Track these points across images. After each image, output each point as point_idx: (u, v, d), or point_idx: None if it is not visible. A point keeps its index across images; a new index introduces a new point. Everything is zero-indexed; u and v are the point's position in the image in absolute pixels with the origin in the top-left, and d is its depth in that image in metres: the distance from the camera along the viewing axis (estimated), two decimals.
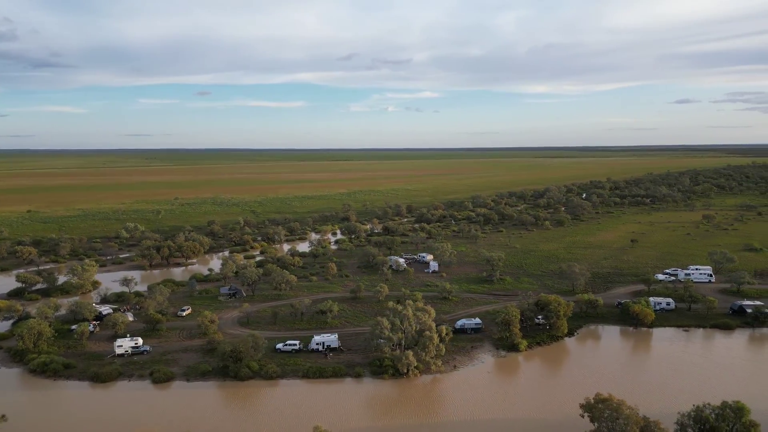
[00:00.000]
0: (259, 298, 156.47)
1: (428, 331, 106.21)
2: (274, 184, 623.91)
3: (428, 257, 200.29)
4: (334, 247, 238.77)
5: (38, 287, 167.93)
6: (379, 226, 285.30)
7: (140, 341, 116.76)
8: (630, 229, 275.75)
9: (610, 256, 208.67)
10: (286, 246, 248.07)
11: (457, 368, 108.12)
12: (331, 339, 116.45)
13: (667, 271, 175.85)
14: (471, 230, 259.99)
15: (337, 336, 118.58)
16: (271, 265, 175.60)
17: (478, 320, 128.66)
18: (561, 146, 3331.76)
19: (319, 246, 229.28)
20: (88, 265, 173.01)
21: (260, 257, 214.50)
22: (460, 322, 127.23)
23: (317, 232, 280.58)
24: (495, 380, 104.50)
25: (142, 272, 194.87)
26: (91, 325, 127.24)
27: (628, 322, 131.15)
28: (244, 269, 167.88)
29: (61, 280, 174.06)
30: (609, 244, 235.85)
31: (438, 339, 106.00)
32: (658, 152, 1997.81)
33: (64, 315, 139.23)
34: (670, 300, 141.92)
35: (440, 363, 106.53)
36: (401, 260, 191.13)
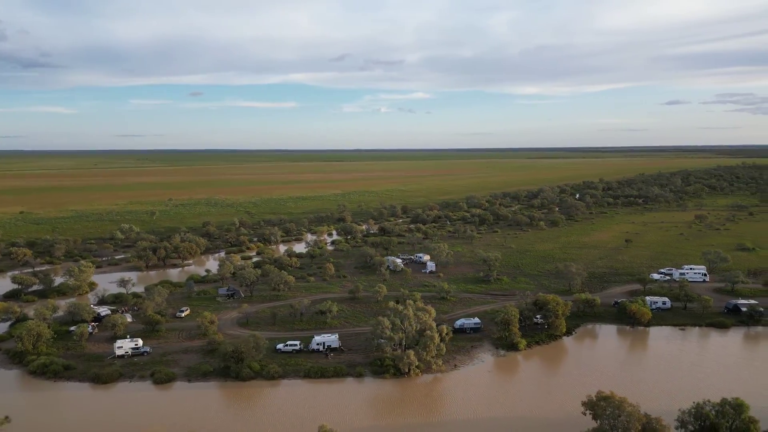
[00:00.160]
0: (258, 299, 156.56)
1: (429, 330, 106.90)
2: (268, 184, 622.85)
3: (425, 257, 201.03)
4: (330, 247, 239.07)
5: (34, 289, 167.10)
6: (375, 227, 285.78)
7: (140, 342, 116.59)
8: (624, 229, 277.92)
9: (605, 256, 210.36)
10: (282, 247, 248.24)
11: (458, 367, 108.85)
12: (331, 339, 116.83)
13: (662, 270, 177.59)
14: (467, 231, 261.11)
15: (337, 336, 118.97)
16: (268, 266, 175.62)
17: (477, 320, 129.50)
18: (553, 147, 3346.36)
19: (316, 247, 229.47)
20: (85, 266, 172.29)
21: (257, 258, 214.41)
22: (459, 322, 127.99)
23: (313, 233, 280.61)
24: (495, 379, 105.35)
25: (139, 273, 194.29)
26: (90, 326, 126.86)
27: (625, 321, 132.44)
28: (242, 270, 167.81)
29: (58, 281, 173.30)
30: (603, 244, 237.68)
31: (438, 338, 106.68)
32: (649, 153, 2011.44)
33: (61, 316, 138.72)
34: (666, 299, 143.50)
35: (441, 362, 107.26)
36: (398, 261, 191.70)
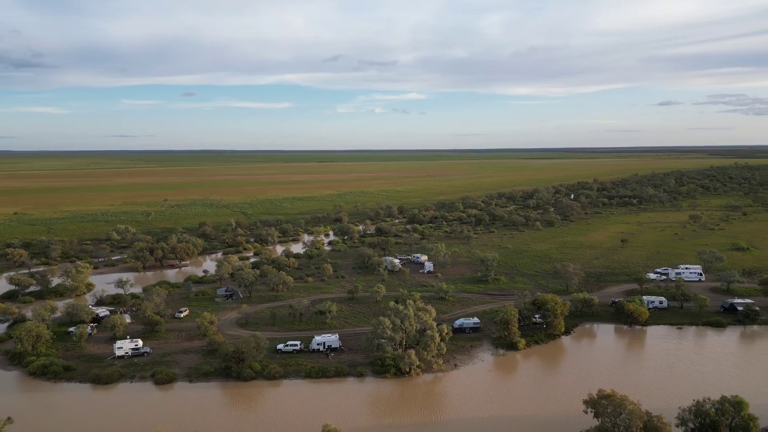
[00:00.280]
0: (256, 299, 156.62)
1: (430, 330, 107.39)
2: (263, 185, 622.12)
3: (423, 258, 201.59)
4: (327, 248, 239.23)
5: (31, 290, 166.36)
6: (371, 227, 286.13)
7: (140, 343, 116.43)
8: (619, 229, 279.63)
9: (602, 256, 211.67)
10: (279, 247, 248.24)
11: (458, 367, 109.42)
12: (332, 339, 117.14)
13: (658, 270, 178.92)
14: (463, 231, 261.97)
15: (337, 336, 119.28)
16: (266, 267, 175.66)
17: (477, 320, 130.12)
18: (546, 147, 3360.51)
19: (314, 247, 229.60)
20: (82, 267, 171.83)
21: (254, 259, 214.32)
22: (458, 322, 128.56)
23: (310, 234, 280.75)
24: (496, 378, 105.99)
25: (136, 274, 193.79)
26: (89, 327, 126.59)
27: (623, 321, 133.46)
28: (240, 271, 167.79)
29: (55, 282, 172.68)
30: (599, 244, 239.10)
31: (439, 338, 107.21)
32: (642, 153, 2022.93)
33: (60, 317, 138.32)
34: (663, 299, 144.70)
35: (441, 362, 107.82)
36: (396, 261, 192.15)
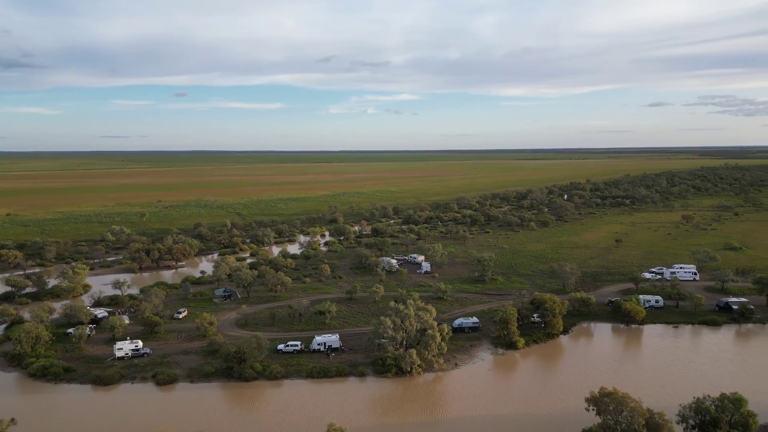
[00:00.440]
0: (255, 300, 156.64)
1: (431, 329, 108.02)
2: (257, 186, 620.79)
3: (419, 258, 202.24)
4: (324, 248, 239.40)
5: (27, 291, 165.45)
6: (368, 228, 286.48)
7: (140, 344, 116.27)
8: (613, 229, 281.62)
9: (597, 256, 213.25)
10: (275, 248, 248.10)
11: (458, 366, 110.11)
12: (332, 339, 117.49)
13: (653, 269, 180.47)
14: (459, 231, 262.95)
15: (338, 336, 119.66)
16: (264, 267, 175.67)
17: (476, 319, 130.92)
18: (539, 148, 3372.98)
19: (310, 248, 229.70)
20: (79, 268, 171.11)
21: (251, 259, 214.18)
22: (457, 321, 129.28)
23: (305, 234, 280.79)
24: (496, 377, 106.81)
25: (132, 275, 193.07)
26: (88, 328, 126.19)
27: (620, 320, 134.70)
28: (238, 271, 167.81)
29: (51, 283, 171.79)
30: (594, 244, 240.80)
31: (440, 338, 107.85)
32: (634, 154, 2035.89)
33: (57, 319, 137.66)
34: (659, 298, 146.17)
35: (442, 361, 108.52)
36: (393, 261, 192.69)
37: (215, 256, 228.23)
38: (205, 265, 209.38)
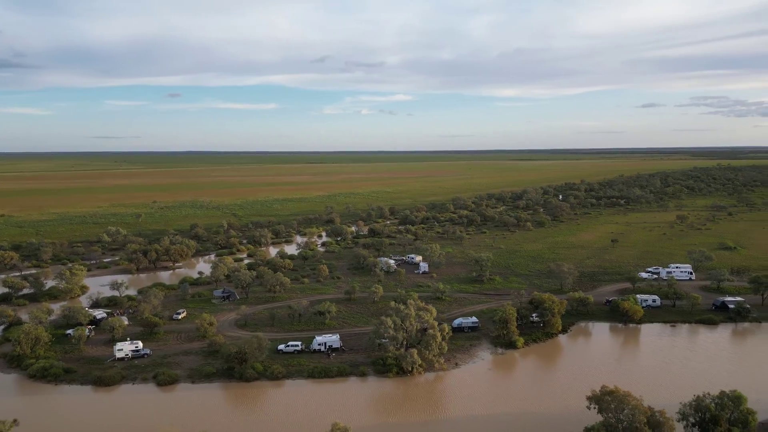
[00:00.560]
0: (253, 301, 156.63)
1: (431, 329, 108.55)
2: (252, 186, 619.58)
3: (417, 258, 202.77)
4: (321, 249, 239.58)
5: (24, 292, 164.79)
6: (364, 228, 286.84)
7: (140, 344, 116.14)
8: (608, 229, 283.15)
9: (593, 256, 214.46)
10: (272, 249, 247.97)
11: (459, 366, 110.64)
12: (333, 339, 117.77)
13: (649, 269, 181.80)
14: (456, 232, 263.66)
15: (338, 336, 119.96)
16: (262, 268, 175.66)
17: (475, 319, 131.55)
18: (533, 149, 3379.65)
19: (307, 248, 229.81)
20: (77, 269, 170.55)
21: (248, 260, 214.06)
22: (457, 321, 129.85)
23: (302, 235, 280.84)
24: (497, 376, 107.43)
25: (129, 276, 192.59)
26: (88, 329, 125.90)
27: (618, 319, 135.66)
28: (236, 272, 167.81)
29: (48, 284, 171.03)
30: (590, 244, 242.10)
31: (440, 337, 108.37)
32: (627, 154, 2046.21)
33: (56, 320, 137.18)
34: (656, 297, 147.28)
35: (443, 361, 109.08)
36: (391, 262, 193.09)
37: (212, 256, 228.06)
38: (203, 266, 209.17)
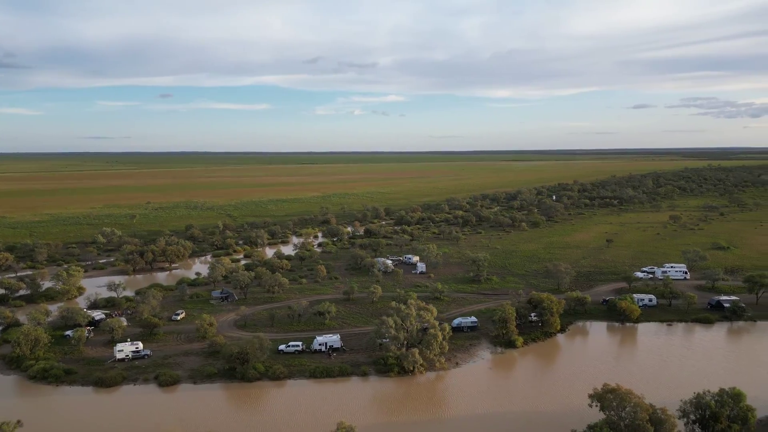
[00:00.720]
0: (252, 301, 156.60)
1: (432, 329, 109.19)
2: (246, 187, 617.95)
3: (414, 259, 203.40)
4: (317, 249, 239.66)
5: (21, 293, 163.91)
6: (361, 229, 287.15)
7: (140, 345, 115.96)
8: (603, 229, 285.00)
9: (589, 256, 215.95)
10: (269, 250, 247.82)
11: (459, 365, 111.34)
12: (333, 339, 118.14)
13: (644, 269, 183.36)
14: (452, 232, 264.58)
15: (339, 336, 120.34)
16: (260, 269, 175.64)
17: (474, 318, 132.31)
18: (526, 149, 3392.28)
19: (304, 249, 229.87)
20: (74, 270, 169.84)
21: (245, 261, 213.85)
22: (456, 321, 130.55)
23: (298, 236, 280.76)
24: (497, 375, 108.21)
25: (126, 277, 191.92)
26: (87, 330, 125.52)
27: (615, 318, 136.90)
28: (234, 273, 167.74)
29: (45, 285, 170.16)
30: (585, 244, 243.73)
31: (441, 337, 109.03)
32: (618, 155, 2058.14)
33: (54, 321, 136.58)
34: (653, 296, 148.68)
35: (443, 360, 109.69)
36: (389, 262, 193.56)
37: (209, 257, 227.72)
38: (199, 267, 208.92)
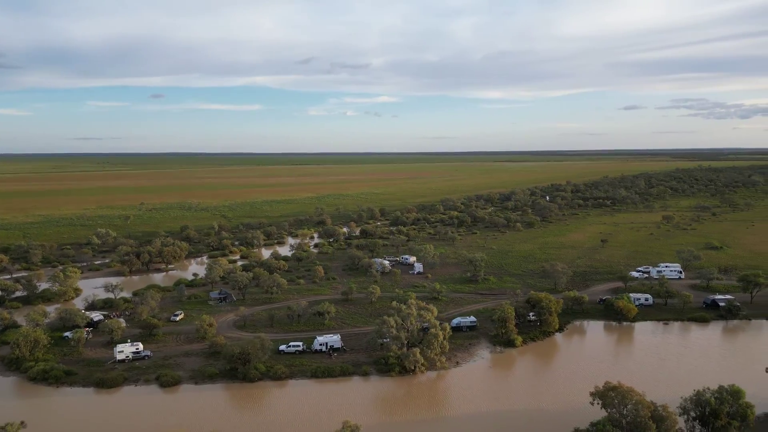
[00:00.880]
0: (250, 302, 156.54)
1: (433, 328, 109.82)
2: (240, 188, 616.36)
3: (411, 259, 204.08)
4: (314, 250, 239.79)
5: (17, 295, 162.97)
6: (357, 230, 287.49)
7: (140, 346, 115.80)
8: (597, 229, 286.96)
9: (584, 256, 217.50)
10: (265, 250, 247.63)
11: (460, 364, 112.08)
12: (334, 339, 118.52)
13: (640, 268, 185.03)
14: (448, 232, 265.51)
15: (339, 336, 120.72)
16: (258, 269, 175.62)
17: (473, 318, 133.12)
18: (517, 150, 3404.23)
19: (301, 250, 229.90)
20: (71, 271, 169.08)
21: (242, 262, 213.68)
22: (455, 321, 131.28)
23: (294, 237, 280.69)
24: (498, 374, 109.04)
25: (122, 278, 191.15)
26: (86, 331, 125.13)
27: (612, 317, 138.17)
28: (232, 274, 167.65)
29: (41, 287, 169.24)
30: (580, 244, 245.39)
31: (442, 336, 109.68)
32: (610, 156, 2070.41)
33: (51, 322, 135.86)
34: (649, 296, 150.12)
35: (444, 359, 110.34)
36: (386, 262, 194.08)
37: (205, 258, 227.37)
38: (196, 268, 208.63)
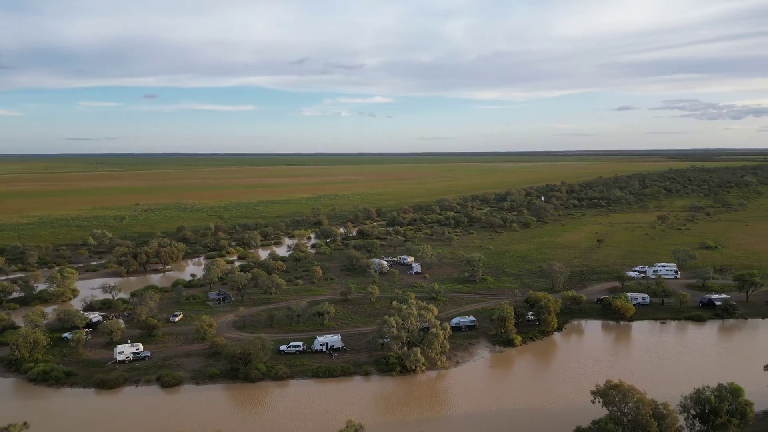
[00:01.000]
0: (249, 303, 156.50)
1: (434, 328, 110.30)
2: (235, 189, 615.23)
3: (409, 259, 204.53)
4: (311, 251, 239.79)
5: (14, 296, 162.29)
6: (354, 230, 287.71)
7: (141, 347, 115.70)
8: (592, 230, 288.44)
9: (580, 255, 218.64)
10: (262, 251, 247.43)
11: (460, 364, 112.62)
12: (334, 339, 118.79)
13: (636, 268, 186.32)
14: (445, 233, 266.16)
15: (339, 336, 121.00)
16: (256, 270, 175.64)
17: (473, 318, 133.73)
18: (512, 151, 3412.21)
19: (298, 250, 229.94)
20: (69, 272, 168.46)
21: (240, 262, 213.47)
22: (455, 320, 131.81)
23: (291, 237, 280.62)
24: (498, 373, 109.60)
25: (119, 279, 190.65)
26: (85, 332, 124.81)
27: (610, 317, 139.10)
28: (231, 274, 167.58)
29: (38, 288, 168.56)
30: (576, 244, 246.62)
31: (443, 336, 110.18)
32: (603, 157, 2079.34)
33: (50, 323, 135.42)
34: (646, 295, 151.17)
35: (444, 359, 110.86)
36: (384, 262, 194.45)
37: (202, 259, 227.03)
38: (193, 269, 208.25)
